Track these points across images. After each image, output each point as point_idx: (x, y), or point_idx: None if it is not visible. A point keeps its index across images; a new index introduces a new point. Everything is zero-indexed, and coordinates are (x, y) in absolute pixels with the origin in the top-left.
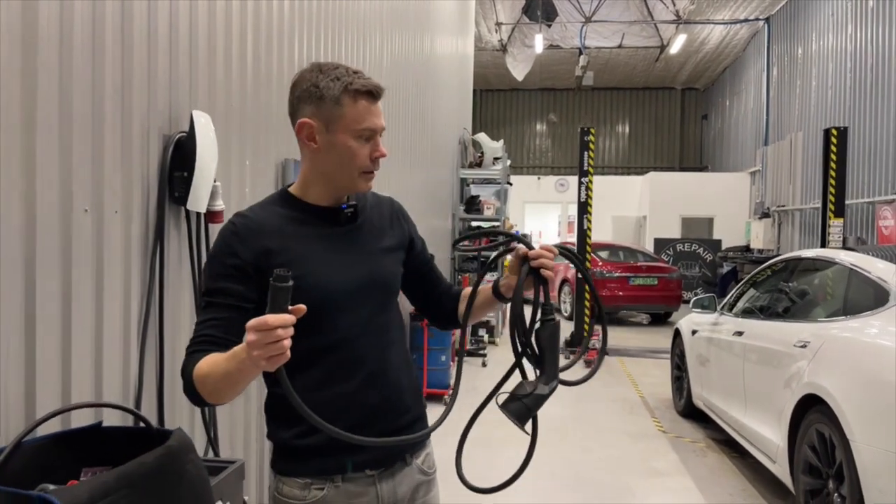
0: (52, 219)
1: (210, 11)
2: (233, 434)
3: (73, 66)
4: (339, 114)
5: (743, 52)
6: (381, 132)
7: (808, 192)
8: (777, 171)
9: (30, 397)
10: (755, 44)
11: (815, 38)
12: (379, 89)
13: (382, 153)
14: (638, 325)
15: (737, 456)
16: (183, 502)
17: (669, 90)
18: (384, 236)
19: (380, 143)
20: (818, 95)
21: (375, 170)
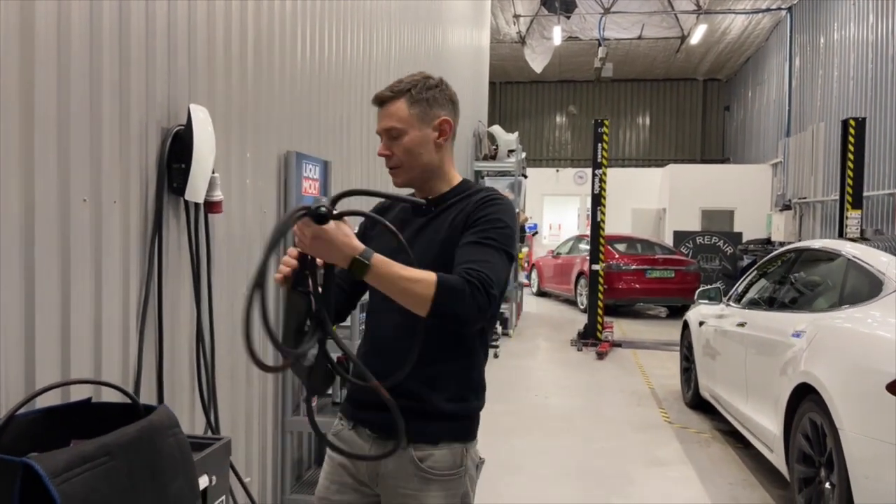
0: (51, 208)
1: (209, 5)
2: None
3: (72, 60)
4: None
5: (766, 41)
6: (382, 133)
7: (830, 184)
8: (799, 163)
9: (29, 379)
10: (777, 33)
11: (836, 27)
12: (378, 97)
13: (379, 152)
14: (655, 318)
15: (741, 447)
16: (161, 472)
17: (691, 81)
18: (443, 228)
19: (381, 144)
20: (840, 86)
21: (387, 166)
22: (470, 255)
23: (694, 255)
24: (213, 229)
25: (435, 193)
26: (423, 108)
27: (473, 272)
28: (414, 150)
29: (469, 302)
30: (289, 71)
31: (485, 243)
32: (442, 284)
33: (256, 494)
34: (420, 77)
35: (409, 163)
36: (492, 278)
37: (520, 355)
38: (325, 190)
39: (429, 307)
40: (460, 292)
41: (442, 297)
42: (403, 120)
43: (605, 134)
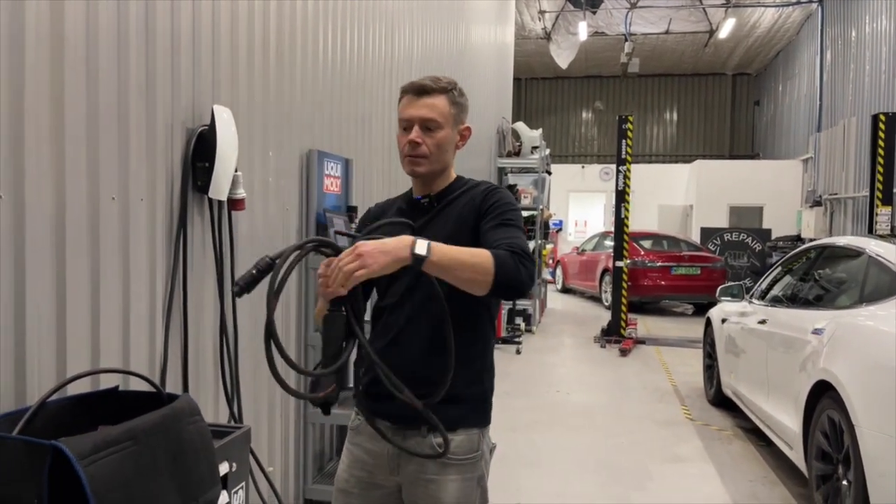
0: (81, 206)
1: (233, 7)
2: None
3: (100, 62)
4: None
5: (796, 35)
6: (416, 121)
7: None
8: (830, 159)
9: (60, 368)
10: (808, 27)
11: (868, 20)
12: (420, 86)
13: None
14: (680, 315)
15: (762, 444)
16: (182, 457)
17: (720, 76)
18: (449, 222)
19: (414, 131)
20: (872, 80)
21: (413, 154)
22: (499, 235)
23: (721, 252)
24: (237, 226)
25: (437, 190)
26: (458, 111)
27: (514, 244)
28: (444, 146)
29: (523, 271)
30: (310, 70)
31: (507, 223)
32: (499, 260)
33: (279, 484)
34: (454, 81)
35: (436, 156)
36: (525, 247)
37: (542, 351)
38: (347, 186)
39: (490, 283)
40: (515, 266)
41: (502, 271)
42: (444, 115)
43: (629, 130)
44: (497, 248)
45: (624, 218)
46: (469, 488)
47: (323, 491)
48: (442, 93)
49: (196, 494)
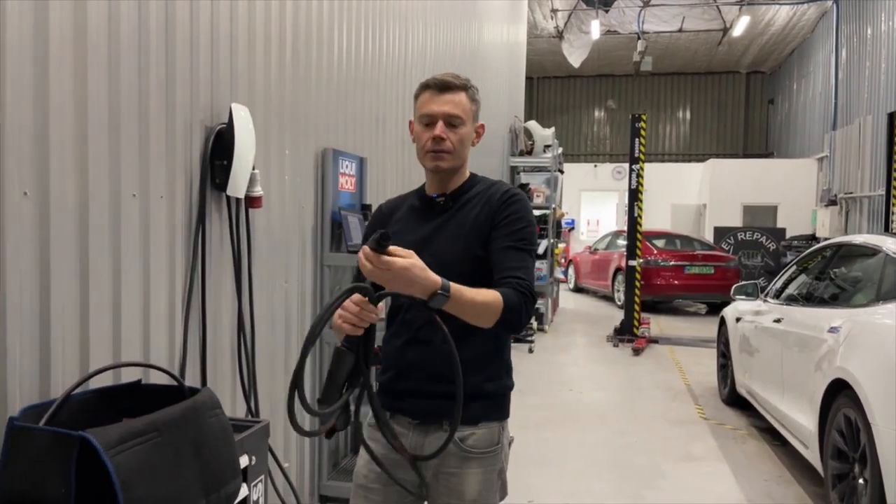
0: (103, 202)
1: (250, 7)
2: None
3: (121, 62)
4: (415, 107)
5: (811, 33)
6: (440, 117)
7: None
8: (845, 157)
9: (83, 362)
10: (823, 24)
11: (884, 18)
12: (443, 82)
13: (436, 134)
14: (693, 314)
15: (777, 444)
16: (204, 449)
17: (733, 74)
18: (466, 223)
19: (438, 126)
20: (888, 78)
21: (437, 149)
22: (511, 262)
23: (735, 251)
24: (254, 223)
25: (452, 187)
26: (476, 109)
27: (523, 283)
28: (465, 142)
29: (524, 314)
30: (325, 69)
31: (520, 248)
32: (508, 306)
33: (294, 480)
34: (470, 80)
35: (458, 152)
36: (532, 282)
37: (554, 351)
38: (361, 185)
39: (493, 323)
40: (519, 309)
41: (507, 315)
42: (466, 112)
43: (642, 129)
44: (506, 282)
45: (637, 217)
46: (490, 480)
47: (338, 487)
48: (463, 89)
49: (218, 486)
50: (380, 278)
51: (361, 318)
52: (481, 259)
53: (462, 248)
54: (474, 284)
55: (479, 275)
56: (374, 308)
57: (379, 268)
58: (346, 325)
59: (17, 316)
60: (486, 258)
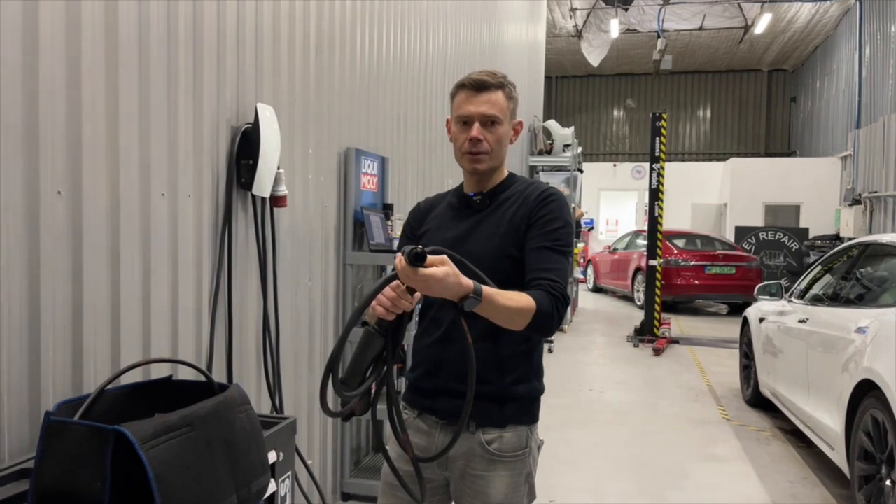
0: (133, 201)
1: (275, 10)
2: (297, 402)
3: (151, 64)
4: (451, 106)
5: (834, 30)
6: (476, 117)
7: None
8: (869, 156)
9: (115, 358)
10: (847, 22)
11: None
12: (479, 81)
13: (473, 135)
14: (714, 315)
15: (802, 446)
16: (235, 444)
17: (755, 72)
18: (503, 223)
19: (475, 127)
20: None
21: (474, 150)
22: (545, 263)
23: (757, 251)
24: (278, 222)
25: (489, 186)
26: (513, 107)
27: (556, 286)
28: (502, 141)
29: (556, 317)
30: (348, 70)
31: (555, 248)
32: (539, 311)
33: (317, 477)
34: (507, 76)
35: (496, 151)
36: (565, 285)
37: (574, 350)
38: (383, 184)
39: (524, 327)
40: (551, 313)
41: (538, 319)
42: (503, 111)
43: (663, 128)
44: (538, 283)
45: (658, 216)
46: (517, 484)
47: (360, 485)
48: (500, 88)
49: (248, 480)
50: (415, 286)
51: (395, 304)
52: (515, 259)
53: (496, 248)
54: (508, 284)
55: (513, 275)
56: (409, 297)
57: (415, 279)
58: (379, 307)
59: (51, 313)
60: (520, 257)
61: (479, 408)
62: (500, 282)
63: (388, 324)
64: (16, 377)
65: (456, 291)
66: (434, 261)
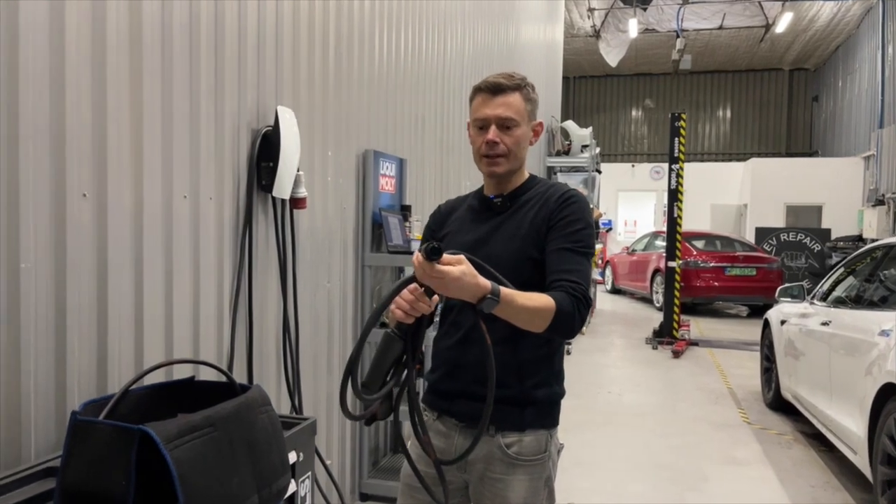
0: (156, 203)
1: (295, 13)
2: (316, 403)
3: (174, 68)
4: (470, 110)
5: (856, 29)
6: (493, 120)
7: None
8: (893, 156)
9: (138, 357)
10: (869, 20)
11: None
12: (495, 84)
13: (489, 138)
14: (735, 316)
15: (825, 450)
16: (256, 444)
17: (776, 71)
18: (524, 224)
19: (491, 130)
20: None
21: (491, 153)
22: (566, 264)
23: (778, 252)
24: (298, 224)
25: (510, 189)
26: (532, 108)
27: (577, 287)
28: (520, 143)
29: (577, 319)
30: (367, 71)
31: (576, 250)
32: (559, 312)
33: (336, 477)
34: (525, 77)
35: (514, 154)
36: (587, 286)
37: (592, 352)
38: (401, 185)
39: (545, 329)
40: (572, 314)
41: (559, 321)
42: (520, 113)
43: (682, 128)
44: (559, 285)
45: (677, 217)
46: (536, 488)
47: (378, 486)
48: (516, 90)
49: (269, 481)
50: (432, 284)
51: (414, 307)
52: (536, 261)
53: (517, 250)
54: (528, 287)
55: (534, 277)
56: (427, 300)
57: (431, 276)
58: (398, 311)
59: (76, 313)
60: (540, 259)
61: (498, 411)
62: (520, 284)
63: (407, 327)
64: (42, 377)
65: (473, 292)
66: (451, 260)
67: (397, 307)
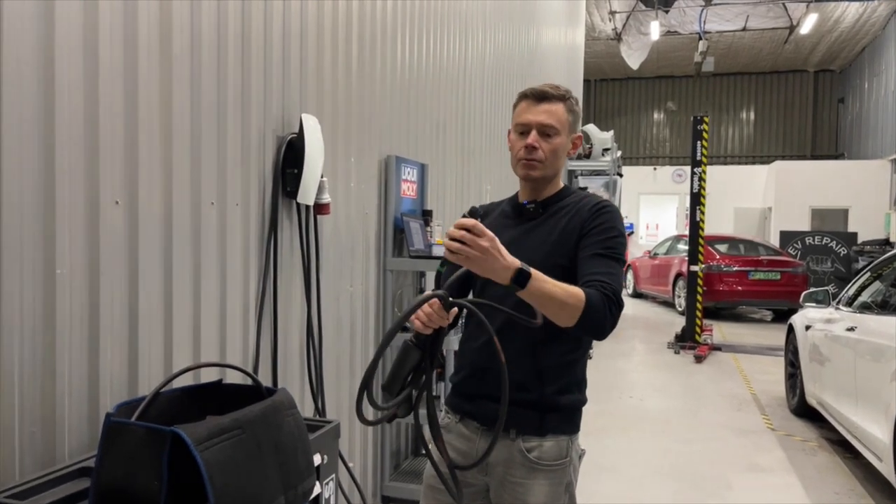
0: (185, 210)
1: (319, 22)
2: (339, 405)
3: (202, 77)
4: (512, 116)
5: (882, 30)
6: (535, 126)
7: None
8: None
9: (167, 359)
10: None
11: None
12: (540, 92)
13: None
14: (759, 321)
15: (850, 457)
16: (283, 447)
17: (801, 73)
18: (555, 231)
19: (531, 135)
20: None
21: (529, 158)
22: (598, 268)
23: (803, 256)
24: (321, 229)
25: (543, 196)
26: (573, 120)
27: (608, 287)
28: (558, 152)
29: (609, 317)
30: (389, 77)
31: (608, 255)
32: (590, 303)
33: (358, 479)
34: (570, 90)
35: (551, 162)
36: (618, 290)
37: (614, 357)
38: (422, 190)
39: (575, 322)
40: (602, 310)
41: (589, 314)
42: (562, 122)
43: (704, 131)
44: (591, 283)
45: (699, 221)
46: (556, 494)
47: (400, 488)
48: (560, 100)
49: (295, 483)
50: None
51: (431, 319)
52: (565, 268)
53: (546, 255)
54: None
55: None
56: (444, 314)
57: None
58: (416, 321)
59: (109, 318)
60: (569, 267)
61: (519, 415)
62: None
63: (425, 337)
64: (77, 379)
65: (502, 264)
66: (482, 231)
67: (416, 318)
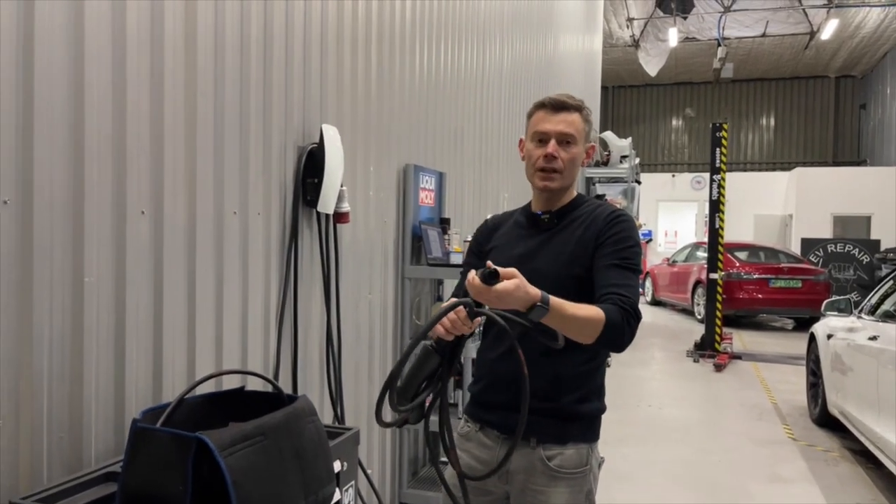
0: (208, 219)
1: (339, 34)
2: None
3: (226, 89)
4: (527, 125)
5: None
6: (553, 135)
7: None
8: None
9: (191, 366)
10: None
11: None
12: (558, 101)
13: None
14: (779, 330)
15: (872, 467)
16: (304, 453)
17: (822, 79)
18: (571, 241)
19: (551, 144)
20: None
21: (547, 166)
22: (615, 279)
23: (825, 263)
24: (341, 238)
25: (558, 206)
26: (588, 130)
27: (626, 300)
28: (575, 161)
29: (627, 332)
30: (408, 87)
31: (624, 266)
32: (609, 322)
33: (377, 486)
34: (584, 101)
35: (567, 171)
36: (636, 301)
37: (632, 365)
38: (440, 198)
39: (594, 340)
40: (621, 325)
41: (608, 333)
42: (579, 132)
43: (723, 138)
44: (608, 297)
45: (719, 228)
46: (577, 501)
47: (417, 496)
48: (577, 110)
49: (315, 489)
50: (487, 302)
51: (455, 326)
52: (581, 279)
53: (562, 266)
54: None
55: (578, 295)
56: (468, 322)
57: (489, 297)
58: (440, 327)
59: (135, 325)
60: (586, 278)
61: (539, 424)
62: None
63: (446, 343)
64: (103, 385)
65: (525, 301)
66: (505, 274)
67: (440, 324)
